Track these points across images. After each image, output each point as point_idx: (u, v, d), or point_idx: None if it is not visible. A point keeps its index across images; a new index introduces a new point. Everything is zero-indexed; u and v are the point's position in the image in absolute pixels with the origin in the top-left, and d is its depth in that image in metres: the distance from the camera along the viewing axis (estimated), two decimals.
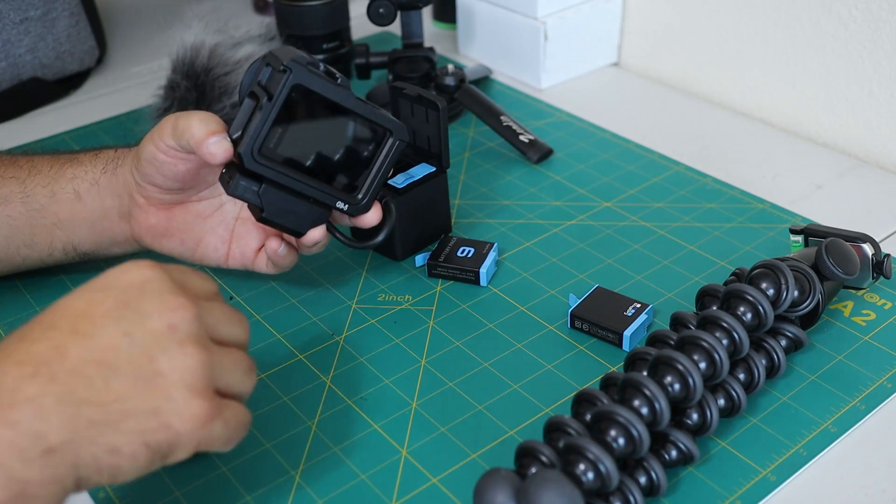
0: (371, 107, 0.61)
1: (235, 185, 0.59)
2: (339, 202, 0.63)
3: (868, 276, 0.63)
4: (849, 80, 0.86)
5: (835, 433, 0.57)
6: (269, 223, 0.61)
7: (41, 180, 0.66)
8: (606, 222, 0.77)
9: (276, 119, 0.58)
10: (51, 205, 0.66)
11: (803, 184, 0.82)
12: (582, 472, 0.47)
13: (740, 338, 0.55)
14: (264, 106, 0.57)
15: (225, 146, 0.58)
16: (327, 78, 0.59)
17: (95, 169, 0.66)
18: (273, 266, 0.66)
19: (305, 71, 0.57)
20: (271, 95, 0.57)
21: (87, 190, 0.66)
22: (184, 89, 0.88)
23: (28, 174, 0.66)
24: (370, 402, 0.61)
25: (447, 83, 0.90)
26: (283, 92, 0.57)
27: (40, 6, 0.96)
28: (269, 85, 0.58)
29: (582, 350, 0.64)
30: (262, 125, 0.58)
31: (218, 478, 0.55)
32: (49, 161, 0.67)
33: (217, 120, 0.60)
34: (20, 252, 0.67)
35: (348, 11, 0.99)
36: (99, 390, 0.41)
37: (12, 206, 0.65)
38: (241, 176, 0.59)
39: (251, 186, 0.59)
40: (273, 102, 0.57)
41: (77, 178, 0.66)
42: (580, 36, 1.00)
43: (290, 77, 0.57)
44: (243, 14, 1.22)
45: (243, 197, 0.60)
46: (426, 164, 0.74)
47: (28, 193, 0.66)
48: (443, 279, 0.71)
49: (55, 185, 0.66)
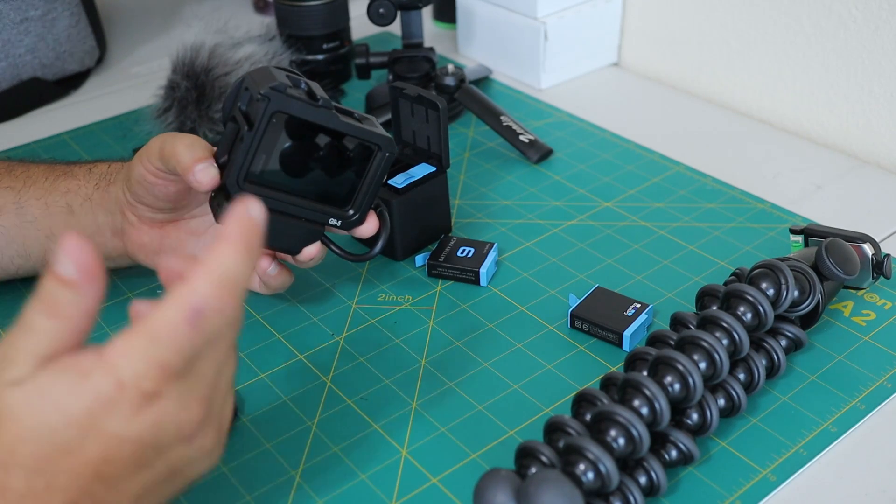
0: (356, 123, 0.60)
1: (224, 213, 0.58)
2: (331, 219, 0.62)
3: (868, 276, 0.63)
4: (849, 80, 0.86)
5: (835, 433, 0.57)
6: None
7: (35, 192, 0.65)
8: (606, 222, 0.77)
9: (259, 146, 0.57)
10: (44, 217, 0.65)
11: (803, 184, 0.82)
12: (582, 472, 0.47)
13: (740, 338, 0.55)
14: (245, 135, 0.56)
15: (212, 174, 0.57)
16: (308, 100, 0.57)
17: (89, 184, 0.65)
18: (265, 287, 0.65)
19: (284, 97, 0.56)
20: (251, 123, 0.56)
21: (81, 205, 0.65)
22: (184, 89, 0.88)
23: (23, 184, 0.66)
24: (370, 402, 0.61)
25: (447, 83, 0.90)
26: (263, 121, 0.56)
27: (40, 6, 0.96)
28: (250, 111, 0.57)
29: (582, 350, 0.64)
30: (244, 155, 0.56)
31: (218, 478, 0.55)
32: (45, 172, 0.67)
33: (203, 145, 0.58)
34: (14, 262, 0.67)
35: (348, 11, 0.99)
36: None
37: (6, 216, 0.65)
38: (228, 203, 0.58)
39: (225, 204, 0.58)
40: (254, 132, 0.56)
41: (71, 193, 0.65)
42: (580, 36, 1.00)
43: (269, 105, 0.55)
44: (243, 14, 1.22)
45: None
46: (426, 164, 0.74)
47: (22, 205, 0.65)
48: (443, 279, 0.71)
49: (49, 198, 0.65)
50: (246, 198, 0.42)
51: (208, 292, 0.40)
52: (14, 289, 0.71)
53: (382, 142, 0.61)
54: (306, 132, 0.59)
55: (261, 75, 0.57)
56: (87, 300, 0.40)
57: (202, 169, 0.57)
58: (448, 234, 0.75)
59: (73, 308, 0.40)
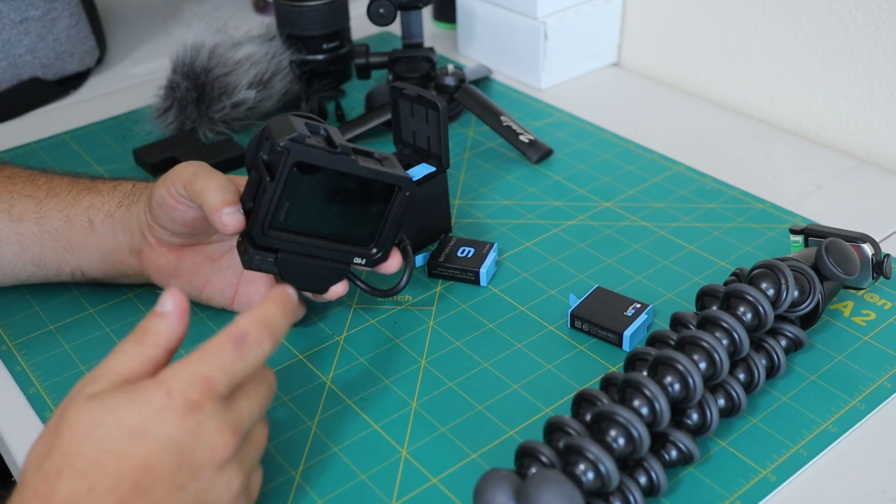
0: (376, 166, 0.60)
1: (251, 259, 0.59)
2: (355, 258, 0.62)
3: (868, 276, 0.63)
4: (849, 80, 0.86)
5: (835, 433, 0.57)
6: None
7: (57, 204, 0.66)
8: (606, 222, 0.77)
9: (282, 196, 0.57)
10: (64, 229, 0.65)
11: (803, 184, 0.82)
12: (582, 472, 0.47)
13: (740, 338, 0.55)
14: (268, 187, 0.57)
15: (238, 219, 0.58)
16: (327, 149, 0.57)
17: (112, 201, 0.66)
18: None
19: (303, 147, 0.56)
20: (273, 173, 0.57)
21: (102, 221, 0.65)
22: (184, 89, 0.88)
23: (45, 195, 0.66)
24: (370, 402, 0.61)
25: (447, 83, 0.90)
26: (284, 171, 0.56)
27: (40, 6, 0.96)
28: (271, 160, 0.57)
29: (582, 350, 0.64)
30: (267, 206, 0.57)
31: None
32: (68, 185, 0.67)
33: (234, 189, 0.59)
34: (27, 269, 0.67)
35: (348, 11, 0.99)
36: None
37: (25, 224, 0.65)
38: (254, 250, 0.59)
39: (266, 258, 0.59)
40: (276, 182, 0.56)
41: (93, 208, 0.66)
42: (580, 36, 1.00)
43: (289, 157, 0.56)
44: (243, 14, 1.22)
45: (260, 269, 0.59)
46: (426, 164, 0.74)
47: (43, 215, 0.65)
48: (443, 279, 0.71)
49: (71, 211, 0.65)
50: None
51: (252, 325, 0.47)
52: (15, 289, 0.71)
53: (402, 182, 0.61)
54: (328, 179, 0.59)
55: (280, 125, 0.58)
56: (172, 332, 0.48)
57: (229, 213, 0.58)
58: (448, 234, 0.75)
59: (160, 337, 0.48)
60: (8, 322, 0.68)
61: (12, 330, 0.68)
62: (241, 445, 0.48)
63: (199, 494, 0.46)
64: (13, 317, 0.69)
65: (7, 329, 0.68)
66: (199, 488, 0.46)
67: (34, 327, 0.68)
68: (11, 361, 0.65)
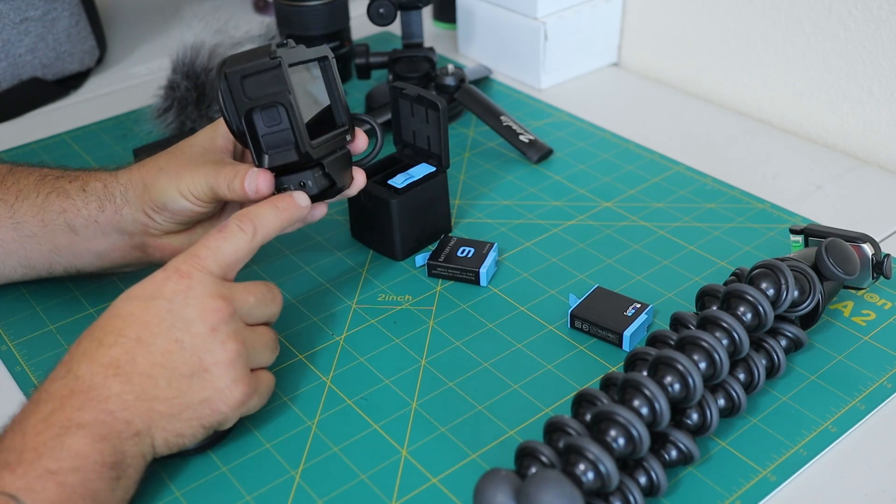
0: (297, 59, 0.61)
1: (314, 184, 0.61)
2: (346, 136, 0.64)
3: (868, 276, 0.63)
4: (849, 80, 0.86)
5: (835, 433, 0.57)
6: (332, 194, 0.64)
7: (29, 208, 0.64)
8: (606, 222, 0.77)
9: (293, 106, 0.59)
10: (44, 234, 0.64)
11: (803, 184, 0.82)
12: (582, 472, 0.47)
13: (740, 338, 0.55)
14: (286, 103, 0.58)
15: (265, 176, 0.60)
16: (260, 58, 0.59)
17: (88, 206, 0.64)
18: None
19: (287, 55, 0.59)
20: (276, 94, 0.58)
21: (85, 226, 0.64)
22: (184, 89, 0.88)
23: (16, 198, 0.65)
24: (370, 402, 0.61)
25: (447, 83, 0.90)
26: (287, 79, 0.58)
27: (40, 6, 0.97)
28: (269, 86, 0.58)
29: (582, 350, 0.64)
30: (296, 120, 0.59)
31: (218, 478, 0.55)
32: (35, 185, 0.65)
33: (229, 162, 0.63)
34: (17, 270, 0.66)
35: (348, 11, 0.99)
36: (163, 389, 0.52)
37: (2, 230, 0.64)
38: (305, 172, 0.61)
39: (316, 175, 0.61)
40: (291, 94, 0.58)
41: (67, 213, 0.64)
42: (580, 36, 1.00)
43: (282, 64, 0.58)
44: (243, 14, 1.22)
45: (322, 188, 0.62)
46: (426, 164, 0.74)
47: (18, 220, 0.64)
48: (443, 279, 0.71)
49: (45, 216, 0.64)
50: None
51: (235, 216, 0.56)
52: (14, 288, 0.71)
53: (319, 54, 0.63)
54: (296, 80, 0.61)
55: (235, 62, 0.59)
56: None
57: (252, 178, 0.60)
58: (448, 234, 0.75)
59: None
60: (8, 322, 0.68)
61: (12, 330, 0.68)
62: (232, 314, 0.53)
63: (196, 352, 0.52)
64: (13, 317, 0.69)
65: (7, 329, 0.68)
66: (194, 345, 0.52)
67: (34, 327, 0.68)
68: (11, 361, 0.65)
